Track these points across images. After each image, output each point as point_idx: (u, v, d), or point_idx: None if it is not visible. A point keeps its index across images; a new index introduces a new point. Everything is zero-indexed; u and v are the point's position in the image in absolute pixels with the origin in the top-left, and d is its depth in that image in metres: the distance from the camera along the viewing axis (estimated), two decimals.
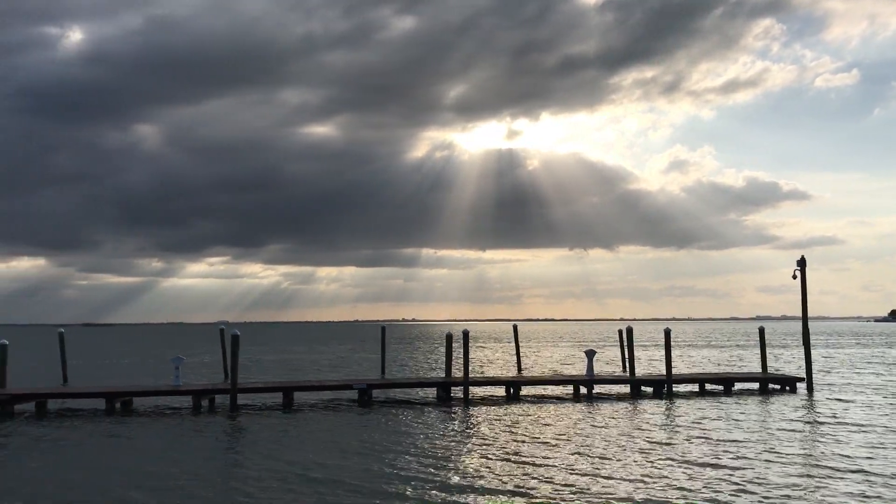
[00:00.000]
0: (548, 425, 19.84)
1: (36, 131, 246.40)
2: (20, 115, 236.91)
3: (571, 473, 13.69)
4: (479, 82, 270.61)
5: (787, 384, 28.84)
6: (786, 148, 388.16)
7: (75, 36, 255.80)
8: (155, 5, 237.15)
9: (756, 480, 13.02)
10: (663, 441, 17.19)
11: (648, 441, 17.23)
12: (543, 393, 28.02)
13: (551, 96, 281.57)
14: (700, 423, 20.13)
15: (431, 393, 27.78)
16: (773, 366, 40.67)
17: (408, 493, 12.26)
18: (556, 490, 12.36)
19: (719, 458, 15.02)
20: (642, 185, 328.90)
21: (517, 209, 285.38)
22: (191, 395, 24.96)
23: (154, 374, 40.92)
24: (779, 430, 18.81)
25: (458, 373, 29.01)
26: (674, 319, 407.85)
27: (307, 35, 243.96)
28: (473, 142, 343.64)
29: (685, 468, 14.12)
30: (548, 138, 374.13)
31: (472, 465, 14.49)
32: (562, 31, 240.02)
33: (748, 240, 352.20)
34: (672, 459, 14.97)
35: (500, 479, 13.19)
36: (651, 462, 14.73)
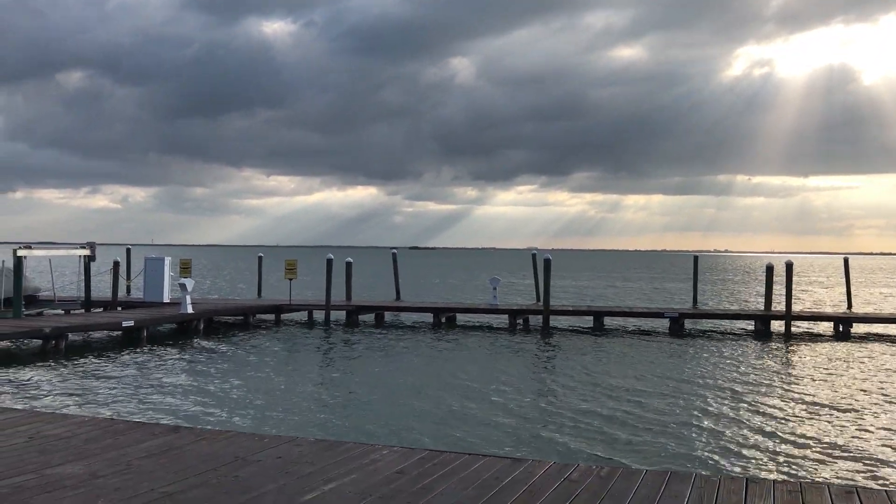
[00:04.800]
0: (885, 370, 18.06)
1: (365, 70, 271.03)
2: (350, 56, 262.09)
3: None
4: None
5: None
6: None
7: None
8: None
9: None
10: None
11: None
12: (879, 331, 25.39)
13: None
14: None
15: (748, 326, 26.53)
16: None
17: (719, 419, 12.05)
18: (872, 453, 11.35)
19: None
20: None
21: (849, 130, 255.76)
22: (507, 314, 26.57)
23: (472, 293, 44.04)
24: None
25: (778, 307, 27.33)
26: None
27: None
28: (797, 55, 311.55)
29: None
30: (890, 45, 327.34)
31: (791, 406, 13.79)
32: None
33: None
34: None
35: (819, 428, 12.42)
36: None
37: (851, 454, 10.13)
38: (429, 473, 5.88)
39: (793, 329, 24.83)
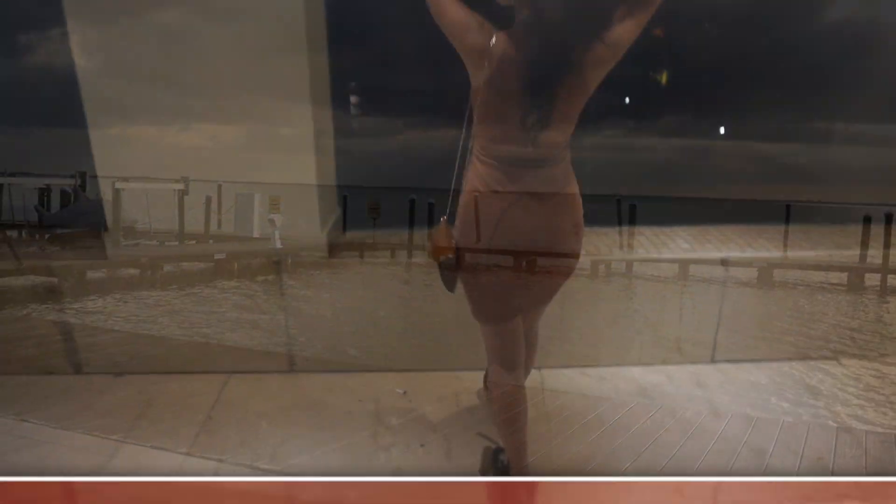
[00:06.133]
0: None
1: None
2: None
3: None
4: None
5: None
6: None
7: None
8: None
9: None
10: None
11: None
12: None
13: None
14: None
15: (841, 278, 25.57)
16: None
17: (805, 368, 11.77)
18: None
19: None
20: None
21: None
22: (589, 260, 26.25)
23: None
24: None
25: (873, 261, 26.25)
26: None
27: None
28: None
29: None
30: None
31: (887, 360, 13.34)
32: None
33: None
34: None
35: None
36: None
37: None
38: (512, 407, 5.98)
39: (889, 283, 23.82)
